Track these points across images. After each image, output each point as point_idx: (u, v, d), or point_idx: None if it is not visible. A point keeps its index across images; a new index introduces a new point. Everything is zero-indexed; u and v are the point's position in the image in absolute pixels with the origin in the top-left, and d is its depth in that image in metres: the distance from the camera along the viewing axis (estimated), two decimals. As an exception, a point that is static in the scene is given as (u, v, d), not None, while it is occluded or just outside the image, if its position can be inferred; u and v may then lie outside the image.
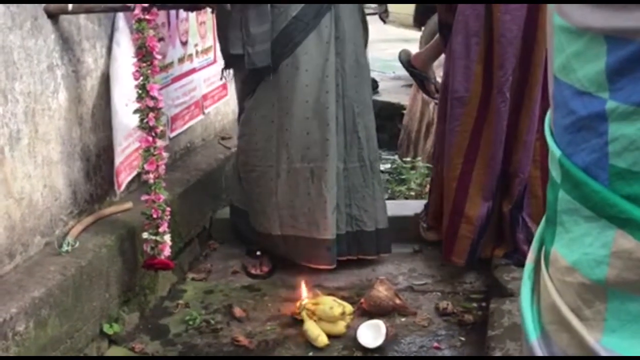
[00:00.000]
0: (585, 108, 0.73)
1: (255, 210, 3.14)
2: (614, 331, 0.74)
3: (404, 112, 6.11)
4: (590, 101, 0.73)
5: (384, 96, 6.97)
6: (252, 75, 2.95)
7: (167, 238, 2.59)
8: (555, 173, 0.80)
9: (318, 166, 2.95)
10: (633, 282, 0.72)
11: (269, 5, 2.83)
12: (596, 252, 0.74)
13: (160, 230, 2.56)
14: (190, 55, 3.51)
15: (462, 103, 2.81)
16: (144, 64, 2.47)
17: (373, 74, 3.46)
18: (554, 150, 0.79)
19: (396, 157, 5.94)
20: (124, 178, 2.76)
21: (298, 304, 2.73)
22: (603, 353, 0.74)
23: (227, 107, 4.13)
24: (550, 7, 0.79)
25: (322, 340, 2.56)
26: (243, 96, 3.08)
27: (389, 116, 6.41)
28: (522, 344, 0.89)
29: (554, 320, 0.81)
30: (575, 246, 0.77)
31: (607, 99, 0.71)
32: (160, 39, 2.62)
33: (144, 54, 2.46)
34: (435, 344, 2.58)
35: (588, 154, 0.74)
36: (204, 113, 3.71)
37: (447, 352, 2.55)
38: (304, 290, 2.82)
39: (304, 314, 2.67)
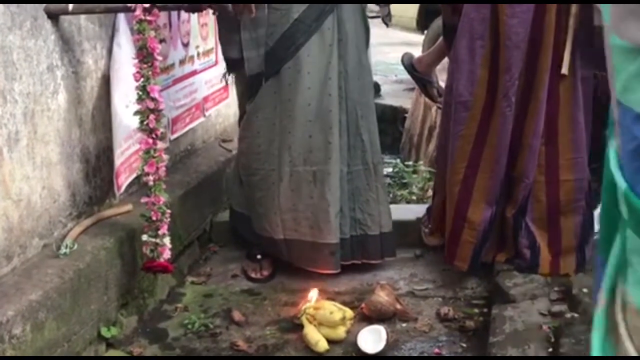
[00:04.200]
0: None
1: (257, 214, 3.11)
2: None
3: (406, 115, 6.09)
4: None
5: (386, 99, 6.94)
6: (254, 79, 2.93)
7: (167, 241, 2.57)
8: (623, 208, 0.73)
9: (321, 169, 2.93)
10: None
11: (266, 8, 2.81)
12: None
13: (160, 232, 2.54)
14: (192, 57, 3.49)
15: (466, 107, 2.79)
16: (145, 65, 2.45)
17: (375, 78, 3.44)
18: (620, 182, 0.73)
19: (398, 160, 5.92)
20: (124, 180, 2.74)
21: (302, 307, 2.71)
22: None
23: (228, 109, 4.11)
24: (606, 29, 0.74)
25: (322, 345, 2.54)
26: (244, 99, 3.07)
27: (391, 120, 6.39)
28: None
29: None
30: None
31: None
32: (162, 40, 2.60)
33: (144, 55, 2.44)
34: (436, 350, 2.56)
35: None
36: (204, 115, 3.69)
37: (448, 359, 2.52)
38: (314, 294, 2.77)
39: (303, 318, 2.65)
